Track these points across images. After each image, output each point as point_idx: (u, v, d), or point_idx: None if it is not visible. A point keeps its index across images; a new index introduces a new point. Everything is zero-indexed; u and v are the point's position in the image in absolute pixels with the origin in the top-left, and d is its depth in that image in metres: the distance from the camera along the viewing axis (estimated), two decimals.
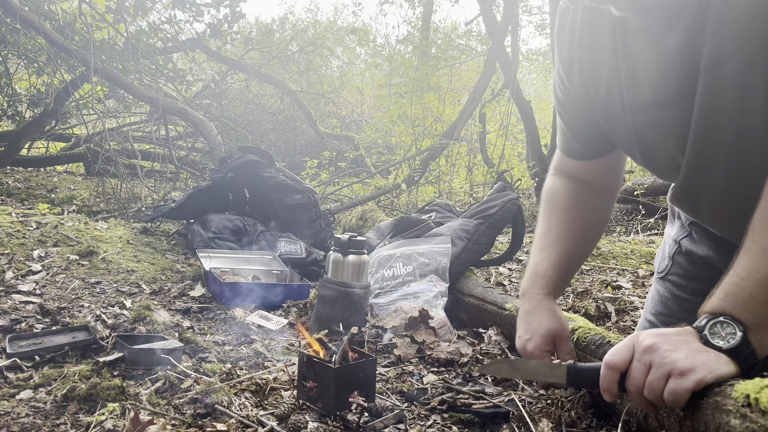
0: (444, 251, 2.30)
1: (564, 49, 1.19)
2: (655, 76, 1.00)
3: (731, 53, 0.88)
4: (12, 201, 4.76)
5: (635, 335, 0.94)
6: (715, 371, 0.83)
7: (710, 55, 0.90)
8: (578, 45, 1.14)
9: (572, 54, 1.16)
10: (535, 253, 1.36)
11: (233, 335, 1.90)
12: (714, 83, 0.91)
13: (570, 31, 1.16)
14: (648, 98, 1.03)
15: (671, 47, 0.96)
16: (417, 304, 2.01)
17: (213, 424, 1.19)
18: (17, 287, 2.12)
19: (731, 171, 0.98)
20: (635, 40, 1.02)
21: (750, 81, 0.88)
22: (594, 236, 1.42)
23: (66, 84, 5.81)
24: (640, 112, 1.06)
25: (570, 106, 1.26)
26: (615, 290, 2.68)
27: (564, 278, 1.37)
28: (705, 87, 0.93)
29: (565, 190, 1.38)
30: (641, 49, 1.01)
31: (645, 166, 1.17)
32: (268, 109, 10.03)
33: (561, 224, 1.36)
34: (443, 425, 1.26)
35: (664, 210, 5.04)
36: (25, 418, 1.22)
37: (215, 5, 6.56)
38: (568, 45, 1.17)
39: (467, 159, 7.48)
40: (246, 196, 3.70)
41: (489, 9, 7.01)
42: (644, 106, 1.04)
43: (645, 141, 1.09)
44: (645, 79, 1.02)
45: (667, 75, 0.98)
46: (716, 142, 0.96)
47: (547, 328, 1.26)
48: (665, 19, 0.95)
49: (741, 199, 0.97)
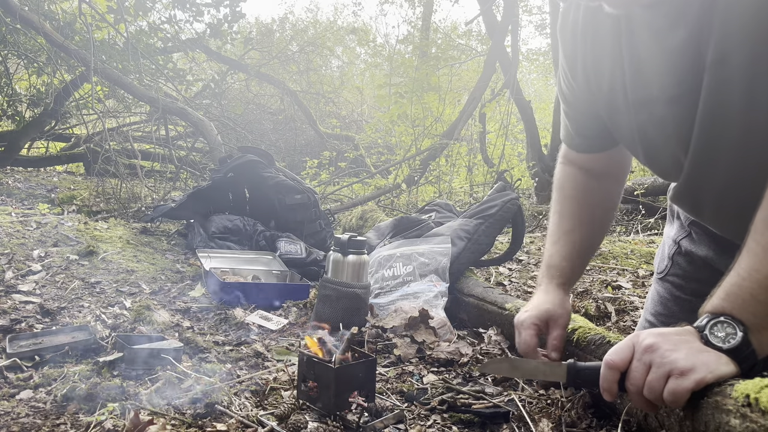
0: (444, 251, 2.30)
1: (567, 45, 1.19)
2: (659, 72, 1.00)
3: (738, 48, 0.88)
4: (12, 201, 4.76)
5: (635, 335, 0.93)
6: (715, 371, 0.83)
7: (716, 50, 0.90)
8: (581, 41, 1.14)
9: (575, 50, 1.16)
10: (549, 246, 1.39)
11: (233, 335, 1.90)
12: (720, 78, 0.91)
13: (572, 27, 1.16)
14: (652, 94, 1.02)
15: (676, 43, 0.95)
16: (417, 304, 2.01)
17: (213, 424, 1.19)
18: (17, 287, 2.12)
19: (735, 168, 0.98)
20: (639, 36, 1.02)
21: (757, 76, 0.87)
22: (604, 223, 1.44)
23: (66, 84, 5.82)
24: (643, 108, 1.06)
25: (573, 101, 1.26)
26: (615, 290, 2.68)
27: (577, 268, 1.40)
28: (711, 82, 0.92)
29: (573, 179, 1.40)
30: (646, 45, 1.01)
31: (647, 164, 1.17)
32: (268, 109, 10.03)
33: (571, 215, 1.38)
34: (443, 425, 1.26)
35: (664, 210, 5.04)
36: (25, 418, 1.22)
37: (215, 5, 6.56)
38: (570, 41, 1.17)
39: (467, 159, 7.48)
40: (246, 196, 3.70)
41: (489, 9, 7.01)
42: (648, 102, 1.04)
43: (648, 138, 1.08)
44: (649, 75, 1.02)
45: (672, 71, 0.98)
46: (721, 138, 0.96)
47: (547, 308, 1.30)
48: (670, 14, 0.95)
49: (743, 198, 0.97)
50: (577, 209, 1.38)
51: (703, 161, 1.01)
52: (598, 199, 1.38)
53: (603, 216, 1.42)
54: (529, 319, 1.29)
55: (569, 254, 1.35)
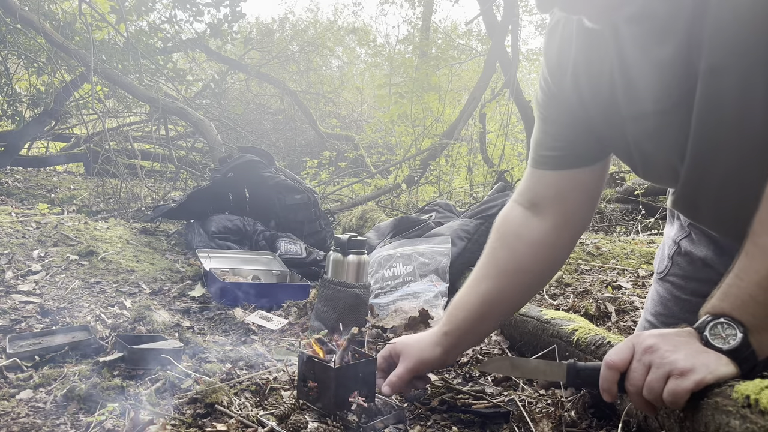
0: (444, 251, 2.30)
1: (552, 59, 1.16)
2: (651, 85, 1.00)
3: (730, 58, 0.88)
4: (12, 201, 4.76)
5: (636, 335, 0.94)
6: (714, 372, 0.83)
7: (709, 60, 0.90)
8: (574, 51, 1.12)
9: (562, 59, 1.14)
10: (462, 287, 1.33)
11: (233, 335, 1.90)
12: (713, 87, 0.91)
13: (560, 42, 1.14)
14: (645, 107, 1.02)
15: (666, 56, 0.95)
16: (417, 304, 2.01)
17: (213, 424, 1.19)
18: (17, 287, 2.12)
19: (731, 174, 0.98)
20: (628, 51, 1.02)
21: (749, 84, 0.88)
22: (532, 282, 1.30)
23: (66, 84, 5.81)
24: (637, 121, 1.06)
25: (553, 107, 1.20)
26: (615, 290, 2.67)
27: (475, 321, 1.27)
28: (704, 92, 0.93)
29: (515, 220, 1.27)
30: (636, 59, 1.01)
31: (644, 175, 1.16)
32: (268, 109, 10.02)
33: (494, 261, 1.27)
34: (443, 425, 1.26)
35: (664, 210, 5.04)
36: (25, 418, 1.22)
37: (215, 5, 6.56)
38: (557, 54, 1.15)
39: (467, 159, 7.48)
40: (246, 196, 3.70)
41: (489, 9, 7.01)
42: (641, 115, 1.04)
43: (643, 150, 1.08)
44: (642, 89, 1.02)
45: (664, 83, 0.98)
46: (717, 146, 0.96)
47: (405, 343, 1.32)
48: (658, 28, 0.95)
49: (741, 202, 0.97)
50: (503, 255, 1.26)
51: (699, 168, 1.01)
52: (533, 251, 1.24)
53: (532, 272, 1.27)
54: (386, 347, 1.34)
55: (466, 303, 1.27)
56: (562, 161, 1.21)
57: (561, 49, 1.14)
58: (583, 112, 1.15)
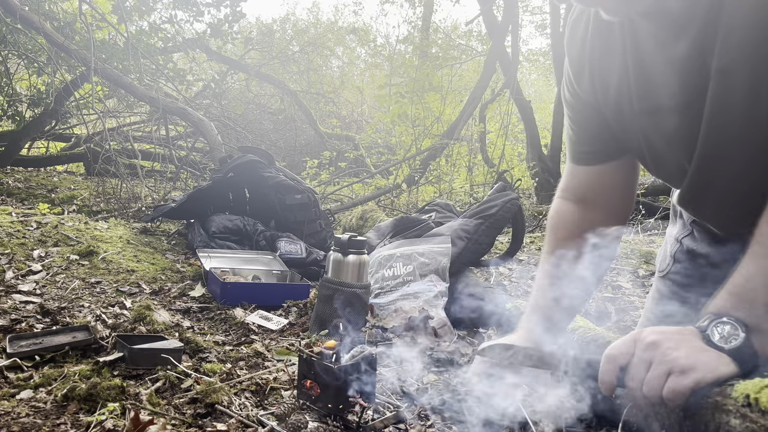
0: (444, 251, 2.29)
1: (574, 54, 1.19)
2: (664, 82, 1.00)
3: (741, 59, 0.88)
4: (12, 201, 4.76)
5: (638, 332, 0.94)
6: (715, 371, 0.83)
7: (721, 60, 0.90)
8: (589, 50, 1.14)
9: (582, 59, 1.16)
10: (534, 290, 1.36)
11: (233, 335, 1.90)
12: (724, 87, 0.91)
13: (582, 37, 1.16)
14: (657, 103, 1.03)
15: (680, 53, 0.95)
16: (417, 304, 2.00)
17: (213, 424, 1.19)
18: (17, 287, 2.12)
19: (738, 174, 0.98)
20: (644, 46, 1.02)
21: (758, 86, 0.88)
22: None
23: (66, 84, 5.81)
24: (649, 116, 1.06)
25: (578, 107, 1.25)
26: (615, 290, 2.67)
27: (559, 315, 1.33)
28: (716, 91, 0.93)
29: (569, 218, 1.34)
30: (650, 55, 1.01)
31: (655, 172, 1.18)
32: (268, 109, 10.03)
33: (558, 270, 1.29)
34: (443, 425, 1.26)
35: (665, 210, 5.04)
36: (25, 418, 1.21)
37: (216, 5, 6.56)
38: (578, 50, 1.17)
39: (467, 159, 7.48)
40: (246, 196, 3.70)
41: (489, 9, 7.02)
42: (654, 111, 1.04)
43: (653, 146, 1.09)
44: (654, 85, 1.02)
45: (677, 80, 0.98)
46: (725, 145, 0.96)
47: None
48: (672, 26, 0.95)
49: (746, 202, 0.97)
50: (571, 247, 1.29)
51: (707, 167, 1.01)
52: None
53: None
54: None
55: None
56: (595, 157, 1.27)
57: (581, 47, 1.16)
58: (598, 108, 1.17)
